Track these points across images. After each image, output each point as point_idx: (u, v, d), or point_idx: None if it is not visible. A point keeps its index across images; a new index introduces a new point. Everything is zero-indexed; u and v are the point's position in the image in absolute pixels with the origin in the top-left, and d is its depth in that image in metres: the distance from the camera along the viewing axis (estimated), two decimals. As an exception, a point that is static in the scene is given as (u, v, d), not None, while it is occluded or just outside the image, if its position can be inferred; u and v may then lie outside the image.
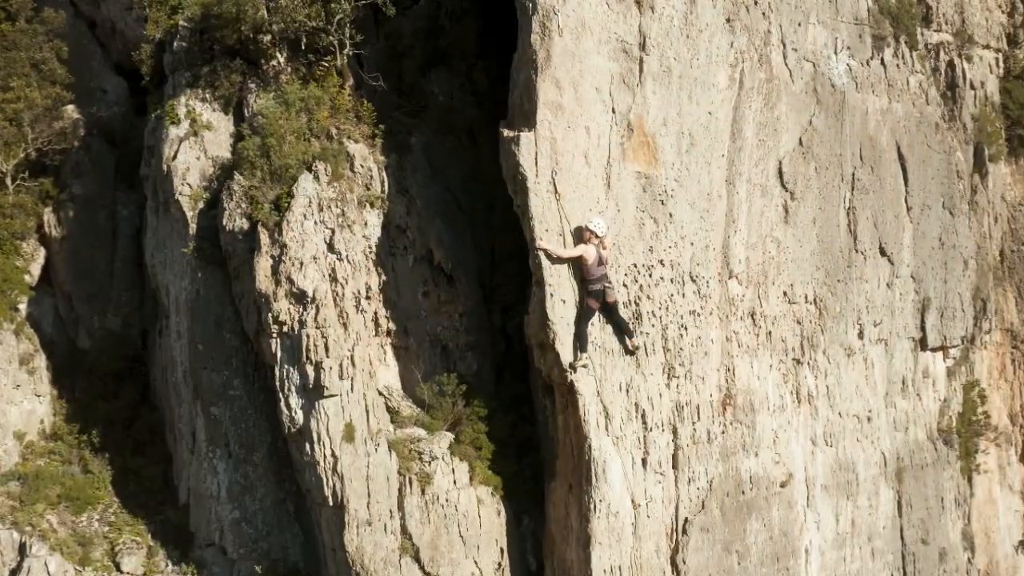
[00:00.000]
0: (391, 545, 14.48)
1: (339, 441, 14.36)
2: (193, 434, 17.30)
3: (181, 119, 16.93)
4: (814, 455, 17.55)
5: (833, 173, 17.90)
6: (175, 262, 17.29)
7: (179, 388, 17.52)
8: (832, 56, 17.94)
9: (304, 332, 14.45)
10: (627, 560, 14.93)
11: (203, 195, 16.55)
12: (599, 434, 14.72)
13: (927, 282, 19.78)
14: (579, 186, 14.66)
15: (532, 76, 14.20)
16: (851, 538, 17.95)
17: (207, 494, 16.83)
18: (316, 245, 14.76)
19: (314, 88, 16.66)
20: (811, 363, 17.60)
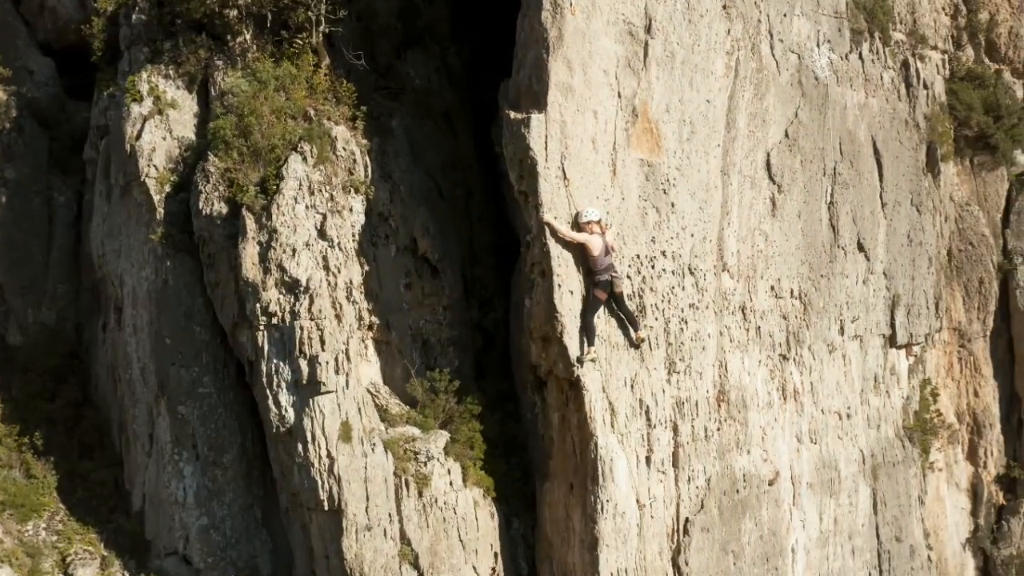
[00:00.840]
0: (391, 551, 13.70)
1: (335, 441, 13.52)
2: (151, 436, 16.18)
3: (144, 96, 15.80)
4: (799, 452, 17.40)
5: (816, 167, 17.81)
6: (133, 250, 16.15)
7: (134, 386, 16.36)
8: (815, 49, 17.86)
9: (297, 324, 13.56)
10: (632, 562, 14.48)
11: (170, 178, 15.47)
12: (605, 431, 14.23)
13: (897, 279, 19.90)
14: (586, 172, 14.16)
15: (543, 55, 13.64)
16: (834, 536, 17.86)
17: (170, 499, 15.73)
18: (308, 231, 13.88)
19: (288, 66, 15.76)
20: (797, 359, 17.45)
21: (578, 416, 14.37)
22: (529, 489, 15.59)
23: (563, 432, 14.76)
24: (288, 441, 13.92)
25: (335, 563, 13.61)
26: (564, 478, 14.78)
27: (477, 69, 18.08)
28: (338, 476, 13.45)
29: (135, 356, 16.29)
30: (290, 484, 14.23)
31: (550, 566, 14.91)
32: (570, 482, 14.68)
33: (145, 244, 15.78)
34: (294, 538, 15.18)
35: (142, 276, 15.94)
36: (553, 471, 15.07)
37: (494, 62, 17.27)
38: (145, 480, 16.34)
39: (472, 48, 18.26)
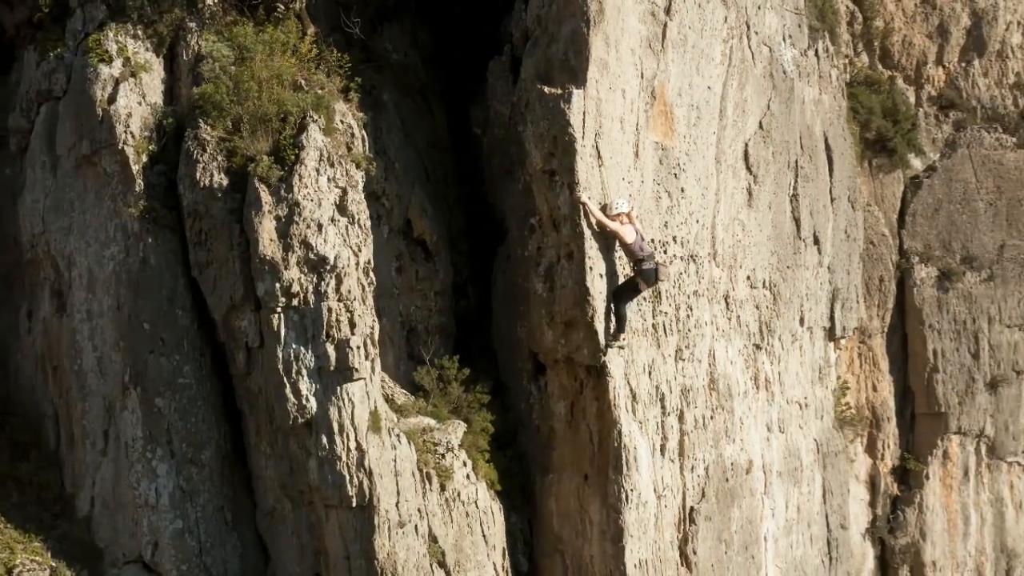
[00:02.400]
0: (421, 549, 13.07)
1: (365, 432, 12.77)
2: (106, 433, 14.85)
3: (114, 57, 14.51)
4: (770, 442, 17.83)
5: (783, 159, 18.33)
6: (91, 227, 14.78)
7: (85, 378, 14.96)
8: (782, 43, 18.38)
9: (325, 305, 12.74)
10: (650, 553, 14.40)
11: (147, 147, 14.27)
12: (629, 419, 14.14)
13: (837, 273, 20.72)
14: (615, 152, 14.05)
15: (583, 30, 13.43)
16: (796, 524, 18.39)
17: (136, 502, 14.41)
18: (332, 205, 13.09)
19: (273, 31, 14.87)
20: (768, 349, 17.88)
21: (598, 404, 14.22)
22: (523, 482, 15.27)
23: (574, 421, 14.58)
24: (303, 434, 13.05)
25: (360, 564, 12.85)
26: (576, 469, 14.58)
27: (443, 48, 17.65)
28: (369, 470, 12.72)
29: (88, 345, 14.91)
30: (300, 481, 13.34)
31: (561, 560, 14.66)
32: (584, 473, 14.50)
33: (111, 220, 14.48)
34: (279, 541, 14.27)
35: (105, 255, 14.60)
36: (558, 463, 14.85)
37: (458, 41, 17.00)
38: (96, 481, 15.00)
39: (438, 25, 17.79)
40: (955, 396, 25.49)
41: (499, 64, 15.77)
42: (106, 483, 14.90)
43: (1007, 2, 26.41)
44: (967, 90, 26.79)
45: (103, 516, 14.90)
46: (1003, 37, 26.49)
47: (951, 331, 25.68)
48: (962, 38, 26.65)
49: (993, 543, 25.65)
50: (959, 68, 26.80)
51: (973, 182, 26.14)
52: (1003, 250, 25.89)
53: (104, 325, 14.73)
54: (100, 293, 14.75)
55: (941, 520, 25.57)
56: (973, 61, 26.70)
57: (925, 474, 25.41)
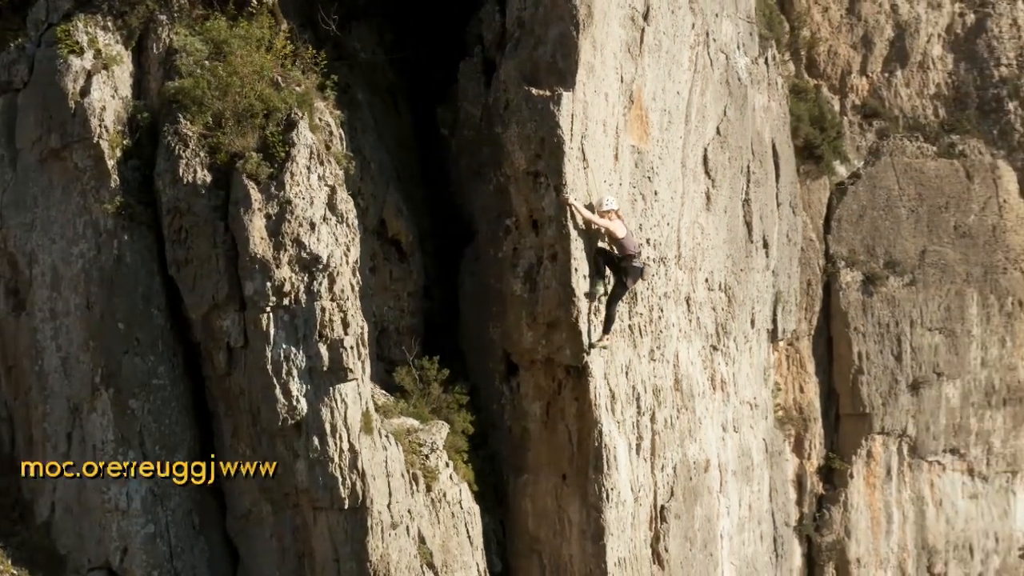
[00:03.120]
0: (412, 550, 13.17)
1: (357, 433, 12.82)
2: (69, 435, 14.57)
3: (85, 48, 14.25)
4: (725, 441, 18.38)
5: (737, 165, 18.94)
6: (56, 223, 14.47)
7: (46, 379, 14.64)
8: (736, 50, 18.98)
9: (318, 304, 12.75)
10: (627, 551, 14.77)
11: (122, 141, 14.06)
12: (608, 419, 14.48)
13: (780, 276, 21.46)
14: (598, 155, 14.39)
15: (572, 33, 13.74)
16: (748, 522, 18.99)
17: (105, 506, 14.20)
18: (323, 204, 13.10)
19: (247, 26, 14.80)
20: (724, 350, 18.44)
21: (578, 404, 14.53)
22: (495, 483, 15.49)
23: (550, 422, 14.85)
24: (291, 435, 13.03)
25: (351, 567, 12.87)
26: (553, 469, 14.87)
27: (406, 48, 17.76)
28: (362, 471, 12.77)
29: (51, 345, 14.59)
30: (285, 483, 13.31)
31: (539, 560, 14.92)
32: (562, 473, 14.79)
33: (80, 216, 14.22)
34: (254, 545, 14.21)
35: (74, 253, 14.31)
36: (533, 463, 15.12)
37: (420, 42, 17.15)
38: (58, 486, 14.71)
39: (401, 27, 17.91)
40: (879, 397, 26.55)
41: (470, 65, 15.97)
42: (69, 487, 14.60)
43: (928, 15, 27.64)
44: (890, 100, 27.92)
45: (65, 521, 14.61)
46: (925, 49, 27.70)
47: (875, 334, 26.73)
48: (885, 49, 27.76)
49: (915, 540, 26.79)
50: (882, 78, 27.92)
51: (896, 189, 27.27)
52: (924, 255, 27.06)
53: (70, 324, 14.44)
54: (66, 291, 14.45)
55: (865, 518, 26.60)
56: (896, 72, 27.83)
57: (849, 473, 26.39)
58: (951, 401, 27.07)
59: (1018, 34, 27.45)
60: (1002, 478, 27.22)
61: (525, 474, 15.15)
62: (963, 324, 27.15)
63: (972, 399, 27.16)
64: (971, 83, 27.77)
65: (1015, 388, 27.37)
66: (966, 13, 27.73)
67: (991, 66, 27.60)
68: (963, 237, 27.39)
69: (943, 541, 26.93)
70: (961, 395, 27.11)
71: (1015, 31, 27.41)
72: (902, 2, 27.59)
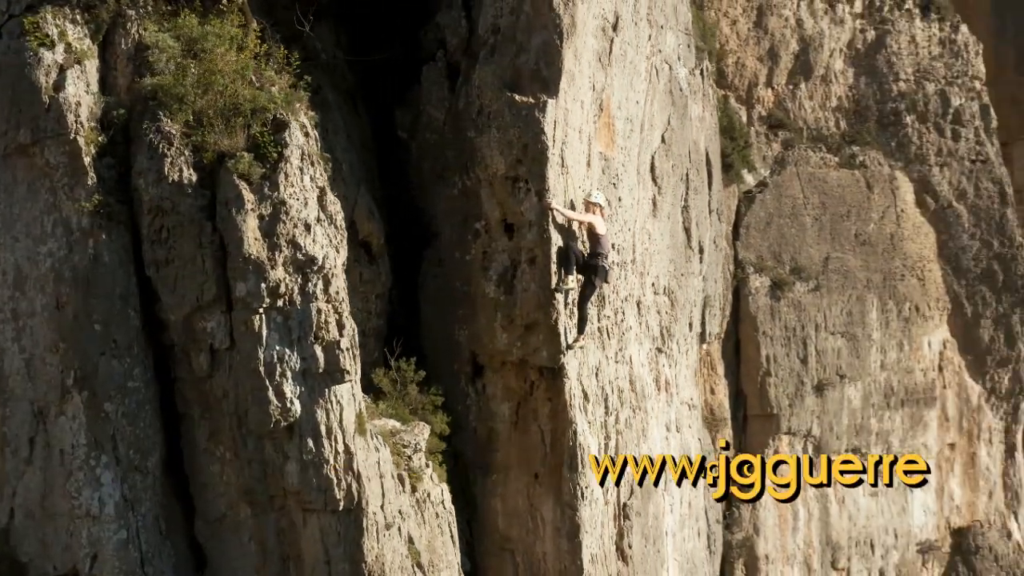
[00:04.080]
0: (403, 551, 13.50)
1: (352, 434, 13.10)
2: (32, 440, 14.40)
3: (55, 42, 14.12)
4: (668, 440, 19.22)
5: (679, 172, 19.83)
6: (20, 221, 14.28)
7: (6, 382, 14.42)
8: (677, 61, 19.89)
9: (313, 306, 12.97)
10: (597, 548, 15.40)
11: (97, 138, 14.00)
12: (582, 418, 15.09)
13: (709, 281, 22.46)
14: (574, 162, 14.99)
15: (556, 42, 14.33)
16: (688, 519, 19.86)
17: (76, 512, 14.05)
18: (315, 205, 13.33)
19: (217, 24, 14.91)
20: (667, 352, 19.27)
21: (551, 404, 15.10)
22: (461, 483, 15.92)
23: (521, 422, 15.38)
24: (282, 437, 13.21)
25: (344, 568, 13.09)
26: (524, 469, 15.41)
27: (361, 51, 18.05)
28: (357, 472, 13.04)
29: (13, 347, 14.42)
30: (272, 486, 13.47)
31: (511, 559, 15.41)
32: (535, 472, 15.34)
33: (48, 214, 14.09)
34: (228, 549, 14.30)
35: (41, 252, 14.17)
36: (502, 463, 15.63)
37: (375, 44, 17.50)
38: (18, 491, 14.53)
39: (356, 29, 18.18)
40: (785, 399, 27.81)
41: (434, 70, 16.41)
42: (32, 493, 14.45)
43: (832, 30, 29.18)
44: (794, 111, 29.33)
45: (27, 528, 14.45)
46: (828, 63, 29.22)
47: (782, 337, 28.00)
48: (790, 62, 29.15)
49: (819, 536, 28.17)
50: (787, 90, 29.32)
51: (801, 198, 28.66)
52: (828, 262, 28.48)
53: (36, 325, 14.29)
54: (31, 292, 14.30)
55: (773, 516, 27.83)
56: (800, 84, 29.26)
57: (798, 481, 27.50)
58: (853, 402, 28.57)
59: (915, 51, 29.22)
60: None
61: (493, 474, 15.63)
62: (864, 328, 28.70)
63: (872, 400, 28.72)
64: (871, 97, 29.39)
65: (912, 390, 29.05)
66: (867, 29, 29.37)
67: (890, 81, 29.29)
68: (864, 245, 28.96)
69: (846, 537, 28.38)
70: (862, 396, 28.65)
71: (913, 48, 29.18)
72: (807, 17, 29.02)
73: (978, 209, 29.33)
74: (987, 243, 29.30)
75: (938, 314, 29.52)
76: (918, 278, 29.42)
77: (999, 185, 29.22)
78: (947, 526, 29.51)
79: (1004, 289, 29.28)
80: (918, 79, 29.41)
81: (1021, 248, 29.10)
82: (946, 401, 29.54)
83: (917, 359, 29.33)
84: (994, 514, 29.73)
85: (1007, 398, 29.70)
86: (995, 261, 29.29)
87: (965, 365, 29.64)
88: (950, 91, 29.45)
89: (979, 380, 29.65)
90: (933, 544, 29.09)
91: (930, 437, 29.31)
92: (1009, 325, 29.29)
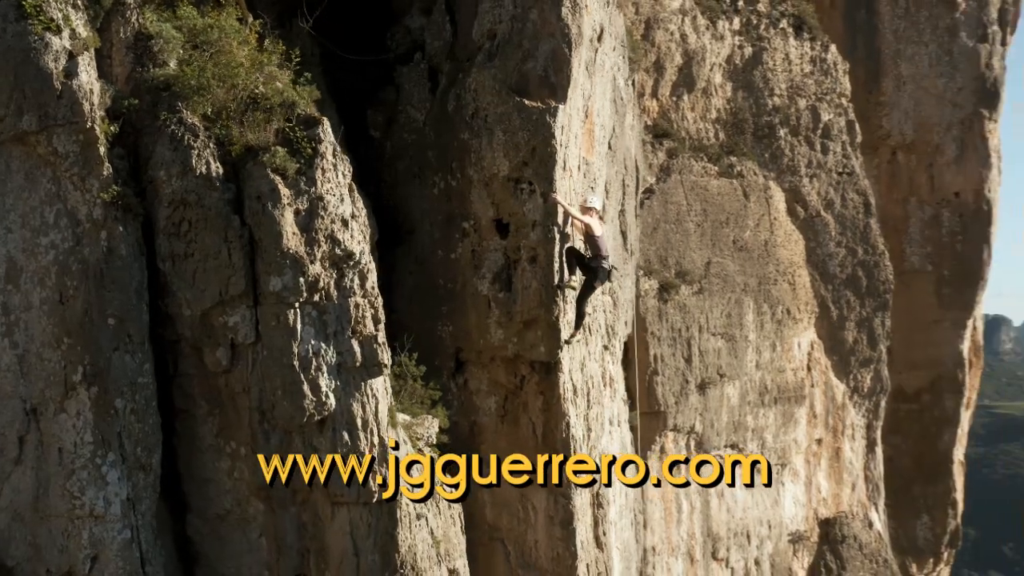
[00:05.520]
0: (429, 541, 13.98)
1: (385, 426, 13.51)
2: (22, 439, 14.16)
3: (60, 26, 13.90)
4: (612, 435, 20.26)
5: (619, 178, 20.92)
6: (14, 211, 13.97)
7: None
8: (618, 72, 20.99)
9: (351, 301, 13.31)
10: (584, 536, 16.28)
11: (110, 128, 13.89)
12: (574, 411, 15.94)
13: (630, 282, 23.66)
14: (571, 165, 15.81)
15: (565, 50, 15.12)
16: (624, 510, 20.96)
17: (77, 512, 13.88)
18: (349, 201, 13.67)
19: (215, 16, 15.06)
20: (612, 349, 20.33)
21: (544, 398, 15.88)
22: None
23: (510, 415, 16.10)
24: (312, 431, 13.47)
25: (373, 560, 13.42)
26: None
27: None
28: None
29: (4, 343, 14.11)
30: (295, 480, 13.71)
31: (502, 547, 16.08)
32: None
33: (50, 204, 13.86)
34: (230, 546, 14.48)
35: (41, 243, 13.92)
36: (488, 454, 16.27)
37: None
38: (5, 492, 14.22)
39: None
40: (672, 396, 29.38)
41: (416, 71, 16.92)
42: (22, 494, 14.20)
43: (712, 46, 30.99)
44: (678, 122, 30.98)
45: (15, 530, 14.22)
46: (708, 77, 31.01)
47: (669, 338, 29.57)
48: (675, 75, 30.77)
49: (701, 528, 29.89)
50: (671, 102, 30.94)
51: (685, 205, 30.33)
52: (709, 266, 30.24)
53: (32, 320, 14.03)
54: (27, 285, 14.03)
55: (659, 509, 29.37)
56: (683, 96, 30.92)
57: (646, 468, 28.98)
58: (731, 400, 30.44)
59: (789, 68, 31.39)
60: (773, 470, 30.92)
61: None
62: (741, 330, 30.62)
63: (749, 398, 30.67)
64: (748, 110, 31.36)
65: (784, 388, 31.18)
66: (745, 46, 31.34)
67: (765, 96, 31.33)
68: (741, 251, 30.88)
69: (725, 529, 30.22)
70: (740, 395, 30.55)
71: (787, 65, 31.34)
72: (690, 32, 30.72)
73: (844, 218, 31.73)
74: (852, 250, 31.72)
75: (807, 317, 31.77)
76: (789, 283, 31.57)
77: (863, 196, 31.69)
78: (815, 517, 31.80)
79: (867, 294, 31.78)
80: (791, 94, 31.57)
81: (884, 255, 31.63)
82: (814, 399, 31.83)
83: (788, 359, 31.48)
84: (857, 505, 32.22)
85: (869, 396, 32.22)
86: (859, 268, 31.75)
87: (831, 365, 32.01)
88: (820, 107, 31.74)
89: (844, 379, 32.07)
90: (803, 534, 31.29)
91: (800, 433, 31.53)
92: (872, 328, 31.79)
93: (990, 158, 35.54)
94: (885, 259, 31.65)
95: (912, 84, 36.23)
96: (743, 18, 31.35)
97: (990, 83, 35.24)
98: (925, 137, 36.26)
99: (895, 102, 36.43)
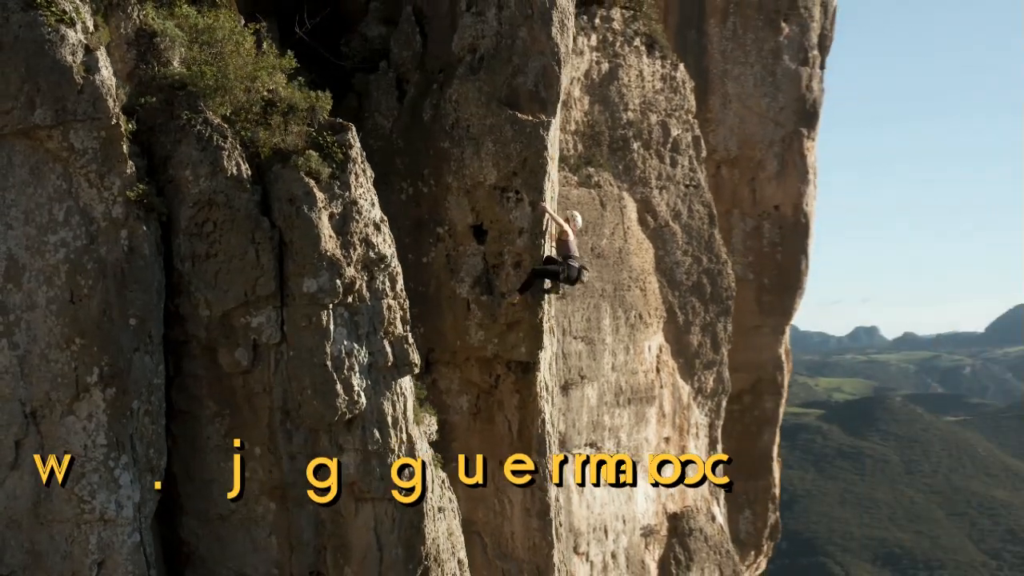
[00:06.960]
0: (446, 532, 14.69)
1: (412, 424, 14.17)
2: (18, 443, 13.99)
3: (74, 20, 13.83)
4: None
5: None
6: (16, 206, 13.81)
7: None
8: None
9: (384, 303, 13.88)
10: (556, 526, 17.38)
11: (128, 124, 13.94)
12: (548, 407, 17.03)
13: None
14: (551, 174, 16.90)
15: (554, 67, 16.20)
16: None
17: (85, 517, 13.85)
18: (378, 206, 14.24)
19: (211, 16, 15.34)
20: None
21: (520, 396, 16.89)
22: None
23: (484, 413, 17.04)
24: (339, 430, 13.95)
25: (396, 553, 13.99)
26: (489, 456, 17.03)
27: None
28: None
29: (3, 343, 13.93)
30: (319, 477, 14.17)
31: (479, 539, 16.95)
32: (500, 459, 17.01)
33: (60, 201, 13.76)
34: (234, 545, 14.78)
35: (49, 241, 13.79)
36: (461, 452, 17.16)
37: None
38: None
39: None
40: (537, 398, 30.82)
41: (385, 80, 17.58)
42: (19, 500, 14.04)
43: (573, 60, 32.60)
44: (539, 132, 32.41)
45: (9, 537, 14.06)
46: (569, 90, 32.58)
47: (535, 341, 30.96)
48: (537, 87, 32.21)
49: (564, 523, 31.35)
50: (533, 112, 32.34)
51: (548, 212, 31.81)
52: (572, 273, 31.84)
53: (35, 320, 13.89)
54: (31, 283, 13.89)
55: (525, 507, 30.72)
56: (545, 108, 32.39)
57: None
58: (591, 401, 31.98)
59: (642, 84, 33.35)
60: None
61: (451, 463, 17.03)
62: (600, 334, 32.21)
63: (606, 399, 32.30)
64: (604, 123, 33.01)
65: (636, 389, 33.04)
66: (602, 62, 33.00)
67: (620, 110, 33.13)
68: (599, 258, 32.49)
69: (585, 524, 31.75)
70: (598, 395, 32.14)
71: (640, 81, 33.28)
72: (553, 46, 32.26)
73: (690, 229, 33.98)
74: (697, 259, 34.02)
75: (656, 321, 33.81)
76: (640, 289, 33.50)
77: (708, 208, 34.06)
78: (664, 512, 33.85)
79: (711, 300, 34.16)
80: (643, 110, 33.53)
81: (726, 264, 34.10)
82: (663, 400, 33.90)
83: (640, 362, 33.39)
84: (701, 500, 34.53)
85: (711, 396, 34.63)
86: (704, 275, 34.08)
87: (678, 367, 34.19)
88: (669, 122, 33.88)
89: (689, 381, 34.32)
90: (654, 528, 33.26)
91: (650, 432, 33.50)
92: (715, 332, 34.19)
93: (808, 174, 38.78)
94: (727, 267, 34.10)
95: (737, 103, 39.03)
96: (600, 35, 33.03)
97: (810, 104, 38.49)
98: (748, 153, 39.11)
99: (721, 119, 39.14)
